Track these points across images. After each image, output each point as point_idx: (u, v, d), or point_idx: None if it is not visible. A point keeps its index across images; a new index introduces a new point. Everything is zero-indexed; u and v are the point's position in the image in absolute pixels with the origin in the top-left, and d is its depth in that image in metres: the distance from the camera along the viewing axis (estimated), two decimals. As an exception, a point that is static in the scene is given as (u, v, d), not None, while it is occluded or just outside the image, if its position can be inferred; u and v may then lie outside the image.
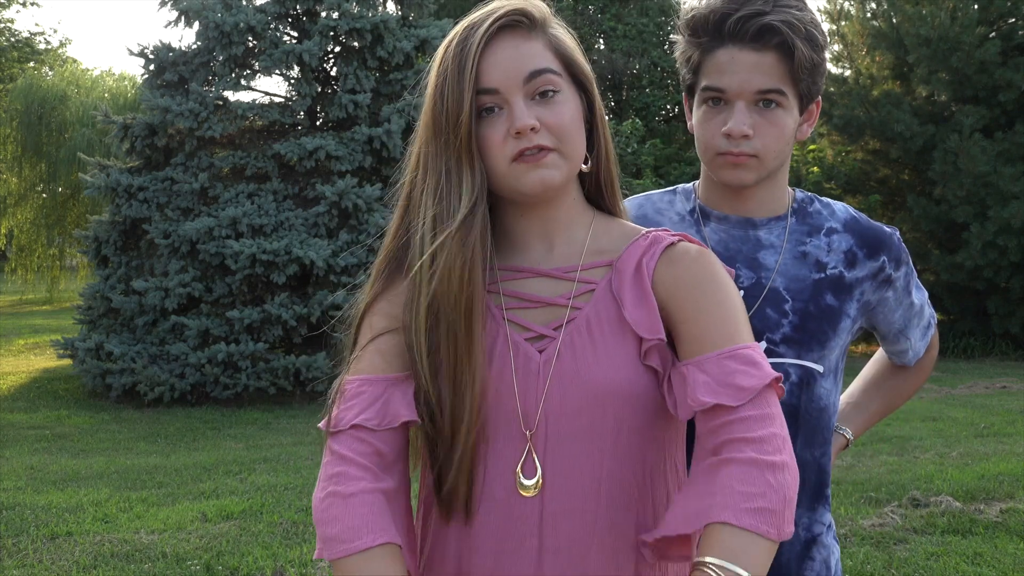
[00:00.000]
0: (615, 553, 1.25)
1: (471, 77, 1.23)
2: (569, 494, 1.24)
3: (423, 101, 1.30)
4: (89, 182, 10.26)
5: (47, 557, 4.59)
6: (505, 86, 1.24)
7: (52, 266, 22.49)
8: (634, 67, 21.16)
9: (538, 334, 1.28)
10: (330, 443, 1.24)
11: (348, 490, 1.20)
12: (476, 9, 1.30)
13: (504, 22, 1.26)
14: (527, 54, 1.26)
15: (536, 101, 1.25)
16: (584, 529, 1.24)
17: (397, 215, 1.33)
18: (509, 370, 1.26)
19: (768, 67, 1.46)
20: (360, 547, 1.16)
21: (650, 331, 1.25)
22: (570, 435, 1.25)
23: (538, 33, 1.28)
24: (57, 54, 32.01)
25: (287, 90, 10.76)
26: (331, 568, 1.23)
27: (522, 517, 1.24)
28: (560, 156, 1.26)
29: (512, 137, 1.24)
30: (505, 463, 1.25)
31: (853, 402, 1.84)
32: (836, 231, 1.61)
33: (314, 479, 6.11)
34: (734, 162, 1.49)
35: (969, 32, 12.00)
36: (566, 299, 1.29)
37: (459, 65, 1.24)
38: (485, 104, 1.25)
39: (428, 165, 1.28)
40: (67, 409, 9.45)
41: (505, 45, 1.26)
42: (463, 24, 1.28)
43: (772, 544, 1.09)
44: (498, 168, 1.26)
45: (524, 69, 1.25)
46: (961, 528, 4.88)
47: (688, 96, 1.60)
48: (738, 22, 1.45)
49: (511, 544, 1.24)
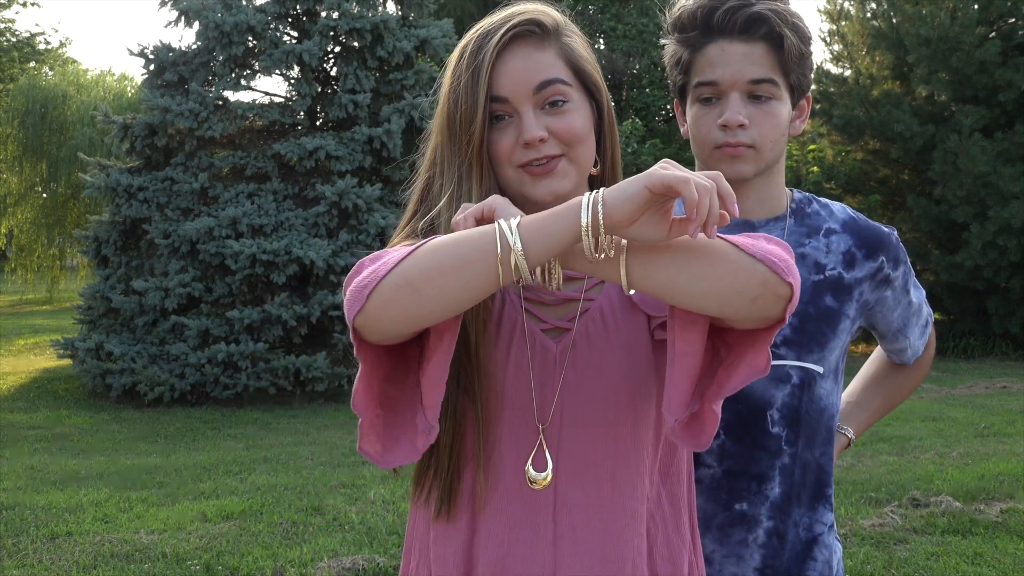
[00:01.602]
0: (628, 540, 1.27)
1: (484, 85, 1.26)
2: (583, 482, 1.26)
3: (438, 99, 1.34)
4: (89, 182, 10.26)
5: (47, 557, 4.59)
6: (515, 96, 1.28)
7: (52, 266, 22.49)
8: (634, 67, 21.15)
9: (553, 326, 1.31)
10: (366, 261, 1.18)
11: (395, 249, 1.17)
12: (493, 13, 1.33)
13: (518, 31, 1.29)
14: (538, 64, 1.29)
15: (546, 111, 1.29)
16: (598, 516, 1.26)
17: (411, 207, 1.37)
18: (526, 362, 1.28)
19: (759, 57, 1.48)
20: (415, 247, 1.11)
21: (657, 308, 1.29)
22: (585, 423, 1.27)
23: (551, 42, 1.31)
24: (57, 54, 32.00)
25: (287, 90, 10.76)
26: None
27: (536, 506, 1.26)
28: (569, 163, 1.29)
29: (520, 147, 1.28)
30: (516, 456, 1.27)
31: (854, 401, 1.85)
32: (835, 232, 1.61)
33: (314, 479, 6.11)
34: (732, 154, 1.50)
35: (969, 32, 12.00)
36: (579, 292, 1.33)
37: (473, 72, 1.27)
38: (496, 112, 1.28)
39: (444, 166, 1.31)
40: (67, 409, 9.45)
41: (517, 54, 1.29)
42: (478, 30, 1.31)
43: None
44: (506, 174, 1.30)
45: (534, 80, 1.28)
46: (961, 528, 4.88)
47: (680, 100, 1.61)
48: (726, 14, 1.47)
49: (525, 533, 1.26)
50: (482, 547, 1.27)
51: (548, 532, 1.26)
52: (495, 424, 1.28)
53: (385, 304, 1.09)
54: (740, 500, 1.52)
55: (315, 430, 8.19)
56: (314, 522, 5.15)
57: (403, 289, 1.08)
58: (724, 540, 1.53)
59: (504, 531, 1.26)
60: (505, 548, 1.26)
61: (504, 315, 1.31)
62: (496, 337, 1.29)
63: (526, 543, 1.26)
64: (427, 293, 1.08)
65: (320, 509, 5.39)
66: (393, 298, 1.09)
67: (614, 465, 1.27)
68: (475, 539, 1.28)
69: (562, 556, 1.25)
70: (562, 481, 1.26)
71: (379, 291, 1.09)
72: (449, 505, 1.28)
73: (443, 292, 1.08)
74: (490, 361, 1.28)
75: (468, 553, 1.28)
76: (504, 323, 1.30)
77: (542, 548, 1.25)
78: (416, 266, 1.09)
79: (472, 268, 1.08)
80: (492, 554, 1.26)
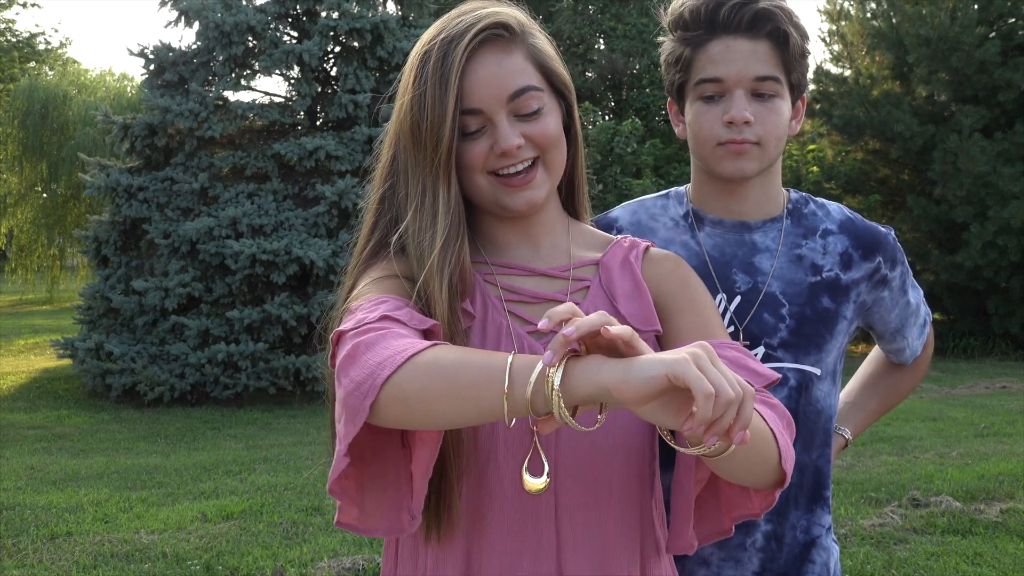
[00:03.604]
0: (627, 543, 1.27)
1: (454, 96, 1.21)
2: (582, 486, 1.24)
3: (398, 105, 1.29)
4: (89, 182, 10.26)
5: (47, 557, 4.59)
6: (489, 106, 1.24)
7: (52, 266, 22.50)
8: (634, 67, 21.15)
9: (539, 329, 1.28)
10: (348, 335, 1.13)
11: (387, 332, 1.11)
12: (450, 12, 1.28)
13: (485, 36, 1.24)
14: (509, 71, 1.25)
15: (519, 118, 1.25)
16: (598, 517, 1.25)
17: (370, 217, 1.33)
18: None
19: (763, 54, 1.47)
20: (415, 350, 1.06)
21: (645, 323, 1.29)
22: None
23: (518, 44, 1.27)
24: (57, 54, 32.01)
25: (287, 90, 10.76)
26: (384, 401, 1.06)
27: (537, 513, 1.23)
28: (544, 170, 1.27)
29: (496, 156, 1.24)
30: (512, 464, 1.24)
31: (851, 401, 1.84)
32: (832, 232, 1.60)
33: (314, 479, 6.11)
34: (736, 150, 1.49)
35: (969, 32, 12.00)
36: (563, 295, 1.31)
37: (440, 81, 1.21)
38: (469, 126, 1.24)
39: (407, 175, 1.27)
40: (67, 409, 9.45)
41: (487, 61, 1.24)
42: (440, 33, 1.25)
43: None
44: (478, 181, 1.27)
45: (508, 88, 1.24)
46: (961, 528, 4.88)
47: (676, 99, 1.59)
48: (731, 10, 1.46)
49: (530, 542, 1.23)
50: (484, 563, 1.23)
51: (551, 539, 1.23)
52: (488, 433, 1.24)
53: (377, 412, 1.07)
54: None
55: (315, 430, 8.19)
56: (314, 522, 5.15)
57: (397, 401, 1.05)
58: (722, 543, 1.52)
59: (506, 542, 1.23)
60: (509, 559, 1.23)
61: (488, 319, 1.28)
62: (482, 341, 1.26)
63: (531, 553, 1.23)
64: (419, 412, 1.05)
65: (320, 509, 5.39)
66: (386, 406, 1.06)
67: (610, 463, 1.25)
68: (474, 556, 1.24)
69: (566, 561, 1.23)
70: (562, 483, 1.24)
71: (377, 401, 1.06)
72: (439, 526, 1.24)
73: (436, 416, 1.05)
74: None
75: (467, 571, 1.24)
76: (489, 327, 1.27)
77: (547, 556, 1.23)
78: (414, 383, 1.04)
79: (475, 401, 1.03)
80: (495, 569, 1.23)
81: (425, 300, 1.21)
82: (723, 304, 1.55)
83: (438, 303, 1.20)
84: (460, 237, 1.23)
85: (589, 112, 16.25)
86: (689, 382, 0.93)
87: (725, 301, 1.55)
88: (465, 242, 1.24)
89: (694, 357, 0.96)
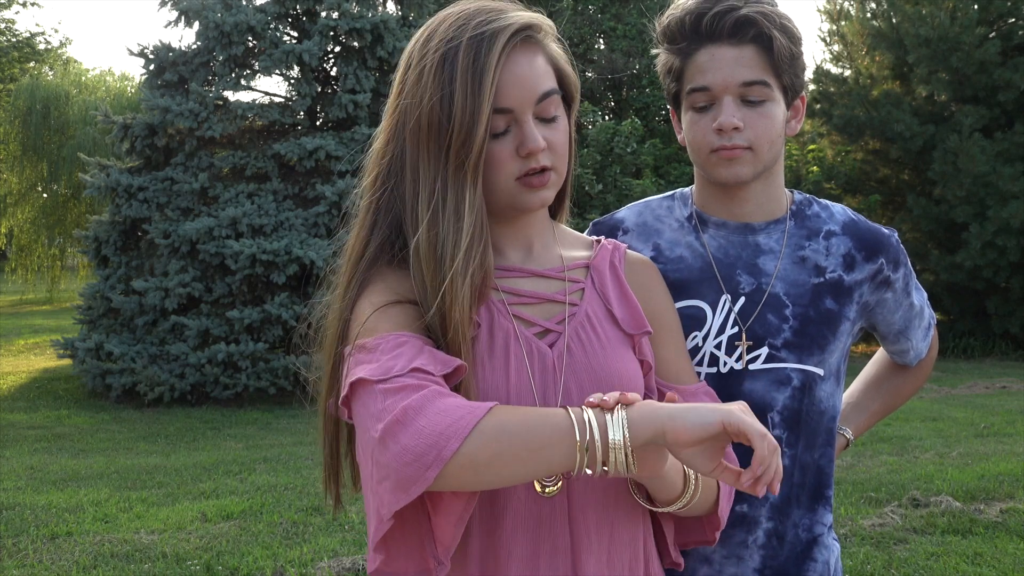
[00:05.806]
0: (631, 542, 1.29)
1: (489, 97, 1.19)
2: (592, 487, 1.26)
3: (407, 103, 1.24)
4: (89, 182, 10.26)
5: (47, 557, 4.59)
6: (519, 106, 1.23)
7: (52, 266, 22.52)
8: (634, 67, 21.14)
9: (544, 328, 1.29)
10: (377, 388, 1.11)
11: (431, 392, 1.10)
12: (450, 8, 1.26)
13: (522, 37, 1.24)
14: (538, 73, 1.25)
15: (541, 121, 1.26)
16: (607, 517, 1.26)
17: (369, 217, 1.28)
18: (526, 370, 1.25)
19: (749, 59, 1.49)
20: (479, 415, 1.08)
21: (638, 326, 1.33)
22: None
23: (542, 47, 1.28)
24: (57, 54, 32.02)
25: (287, 90, 10.77)
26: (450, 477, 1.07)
27: (552, 515, 1.24)
28: (556, 175, 1.28)
29: (520, 157, 1.24)
30: None
31: (853, 402, 1.85)
32: (835, 234, 1.61)
33: (314, 479, 6.11)
34: (729, 156, 1.50)
35: (969, 32, 12.00)
36: (563, 296, 1.32)
37: (473, 80, 1.19)
38: (498, 127, 1.23)
39: (418, 175, 1.23)
40: (67, 409, 9.45)
41: (520, 62, 1.24)
42: (464, 33, 1.21)
43: None
44: (501, 184, 1.25)
45: (537, 89, 1.24)
46: (961, 528, 4.88)
47: (675, 107, 1.61)
48: (714, 19, 1.48)
49: (546, 546, 1.24)
50: (501, 566, 1.23)
51: (565, 541, 1.24)
52: None
53: (439, 480, 1.07)
54: (740, 501, 1.53)
55: (315, 430, 8.16)
56: (314, 522, 5.15)
57: (465, 470, 1.07)
58: (724, 541, 1.53)
59: (522, 544, 1.23)
60: (525, 562, 1.23)
61: (495, 323, 1.27)
62: (491, 347, 1.25)
63: (547, 555, 1.23)
64: (487, 477, 1.09)
65: (320, 509, 5.39)
66: (452, 475, 1.07)
67: None
68: (489, 559, 1.24)
69: (581, 562, 1.24)
70: (573, 485, 1.25)
71: (443, 472, 1.06)
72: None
73: (505, 479, 1.10)
74: (487, 371, 1.23)
75: (483, 574, 1.24)
76: (497, 332, 1.26)
77: (562, 558, 1.24)
78: (486, 451, 1.07)
79: (547, 461, 1.10)
80: (513, 572, 1.23)
81: (445, 305, 1.18)
82: (727, 305, 1.56)
83: (458, 307, 1.18)
84: (484, 238, 1.22)
85: (589, 112, 16.24)
86: (745, 428, 1.09)
87: (729, 302, 1.56)
88: (489, 243, 1.23)
89: (741, 409, 1.12)
